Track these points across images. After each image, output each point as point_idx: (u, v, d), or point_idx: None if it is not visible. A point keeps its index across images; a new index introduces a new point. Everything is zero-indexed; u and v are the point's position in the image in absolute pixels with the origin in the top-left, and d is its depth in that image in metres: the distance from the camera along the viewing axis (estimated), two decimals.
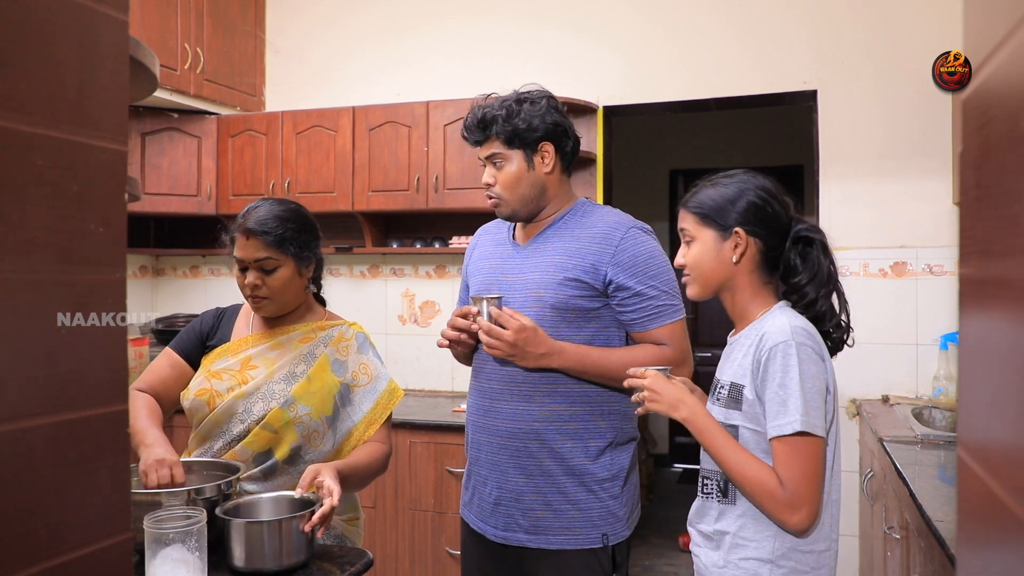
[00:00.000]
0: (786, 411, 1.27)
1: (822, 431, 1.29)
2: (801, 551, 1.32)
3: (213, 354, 1.78)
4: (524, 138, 1.72)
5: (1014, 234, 0.42)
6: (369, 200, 3.40)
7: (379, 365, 1.83)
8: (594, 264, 1.69)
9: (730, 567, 1.35)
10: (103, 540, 0.59)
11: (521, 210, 1.77)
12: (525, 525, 1.70)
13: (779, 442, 1.28)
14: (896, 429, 2.47)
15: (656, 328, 1.69)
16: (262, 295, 1.72)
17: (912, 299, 3.01)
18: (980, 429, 0.49)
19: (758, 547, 1.33)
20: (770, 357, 1.30)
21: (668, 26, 3.31)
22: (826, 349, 1.37)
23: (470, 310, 1.71)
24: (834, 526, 1.37)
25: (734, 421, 1.36)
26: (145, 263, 4.07)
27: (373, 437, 1.78)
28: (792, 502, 1.27)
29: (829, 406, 1.32)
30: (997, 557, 0.46)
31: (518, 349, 1.64)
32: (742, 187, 1.40)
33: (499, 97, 1.78)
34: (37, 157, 0.54)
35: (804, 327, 1.33)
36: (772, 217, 1.39)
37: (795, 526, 1.29)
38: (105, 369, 0.60)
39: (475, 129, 1.76)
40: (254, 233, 1.69)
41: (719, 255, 1.40)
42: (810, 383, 1.28)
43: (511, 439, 1.71)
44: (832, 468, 1.35)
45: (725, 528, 1.37)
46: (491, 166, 1.76)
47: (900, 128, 3.02)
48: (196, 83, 3.50)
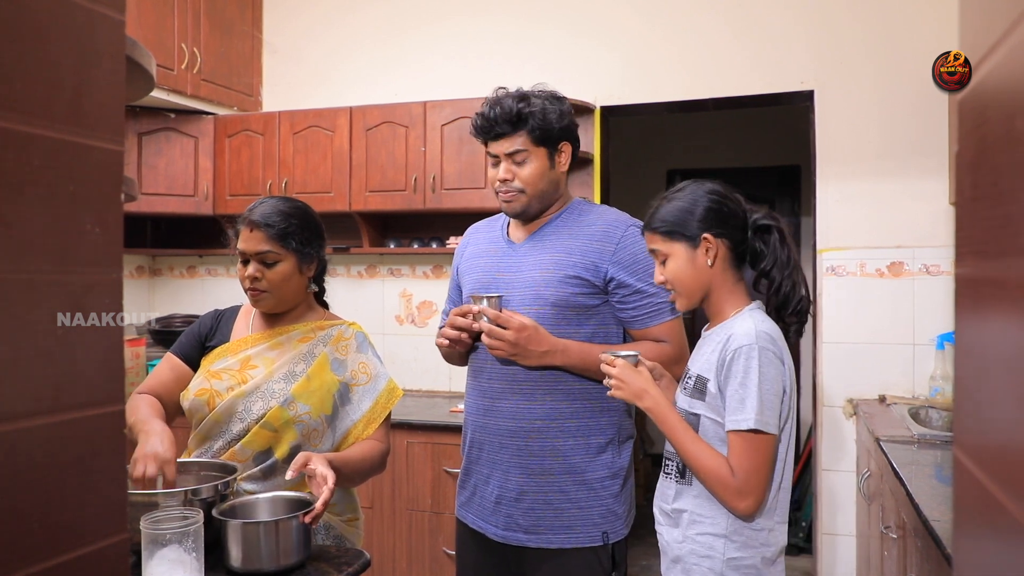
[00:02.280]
0: (743, 408, 1.38)
1: (775, 429, 1.40)
2: (752, 528, 1.44)
3: (212, 354, 1.79)
4: (552, 136, 1.73)
5: (1009, 234, 0.42)
6: (366, 200, 3.40)
7: (378, 364, 1.84)
8: (595, 262, 1.70)
9: (688, 542, 1.46)
10: (100, 541, 0.59)
11: (536, 207, 1.77)
12: (525, 525, 1.70)
13: (735, 435, 1.40)
14: (893, 429, 2.47)
15: (655, 325, 1.72)
16: (261, 288, 1.72)
17: (909, 299, 3.02)
18: (976, 429, 0.49)
19: (713, 523, 1.44)
20: (734, 357, 1.41)
21: (666, 26, 3.31)
22: (787, 352, 1.46)
23: (470, 308, 1.71)
24: (782, 509, 1.48)
25: (697, 410, 1.47)
26: (142, 263, 4.07)
27: (371, 436, 1.78)
28: (741, 490, 1.39)
29: (785, 406, 1.43)
30: (993, 556, 0.46)
31: (520, 348, 1.64)
32: (694, 196, 1.49)
33: (517, 92, 1.76)
34: (33, 157, 0.54)
35: (768, 332, 1.43)
36: (730, 215, 1.49)
37: (742, 511, 1.41)
38: (102, 370, 0.59)
39: (503, 123, 1.71)
40: (257, 226, 1.71)
41: (695, 264, 1.48)
42: (768, 385, 1.39)
43: (513, 438, 1.71)
44: (784, 460, 1.46)
45: (683, 507, 1.48)
46: (508, 161, 1.73)
47: (897, 128, 3.02)
48: (193, 83, 3.49)
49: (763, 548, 1.43)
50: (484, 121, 1.74)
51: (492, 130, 1.73)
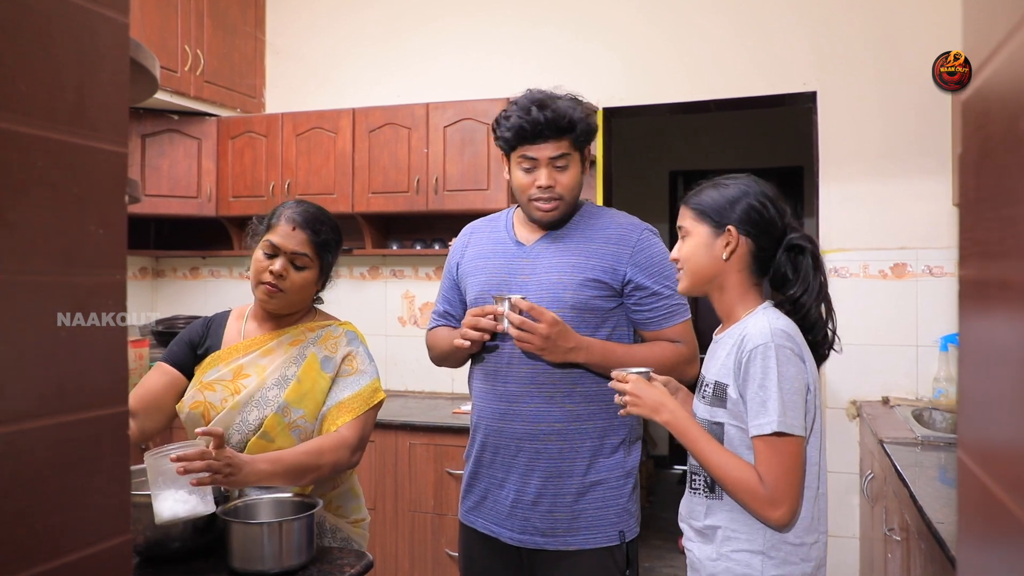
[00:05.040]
0: (765, 411, 1.32)
1: (800, 430, 1.33)
2: (791, 543, 1.36)
3: (204, 363, 1.75)
4: (589, 142, 1.74)
5: (1014, 236, 0.42)
6: (369, 202, 3.40)
7: (368, 363, 1.78)
8: (613, 265, 1.71)
9: (723, 559, 1.39)
10: (103, 542, 0.59)
11: (570, 213, 1.77)
12: (542, 528, 1.70)
13: (759, 441, 1.33)
14: (896, 431, 2.46)
15: (670, 327, 1.74)
16: (282, 287, 1.69)
17: (912, 300, 3.01)
18: (980, 431, 0.49)
19: (749, 539, 1.37)
20: (750, 359, 1.35)
21: (669, 28, 3.31)
22: (807, 348, 1.40)
23: (495, 310, 1.68)
24: (822, 519, 1.41)
25: (719, 419, 1.40)
26: (145, 265, 4.07)
27: (342, 429, 1.67)
28: (772, 499, 1.32)
29: (810, 405, 1.37)
30: (998, 559, 0.46)
31: (550, 343, 1.63)
32: (744, 190, 1.44)
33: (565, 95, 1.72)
34: (37, 159, 0.54)
35: (784, 329, 1.37)
36: (767, 221, 1.43)
37: (776, 521, 1.34)
38: (105, 371, 0.60)
39: (553, 127, 1.66)
40: (303, 227, 1.70)
41: (710, 251, 1.44)
42: (788, 384, 1.32)
43: (532, 441, 1.71)
44: (819, 464, 1.40)
45: (716, 523, 1.41)
46: (551, 167, 1.70)
47: (900, 129, 3.02)
48: (196, 85, 3.50)
49: (804, 564, 1.36)
50: (529, 124, 1.66)
51: (540, 134, 1.66)
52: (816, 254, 1.45)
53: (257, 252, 1.72)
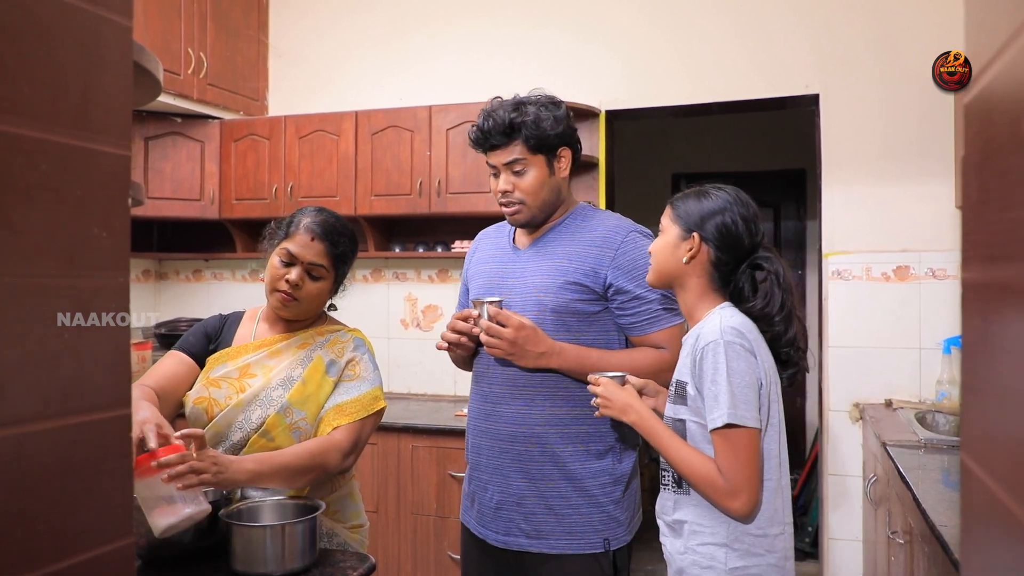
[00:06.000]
0: (717, 405, 1.38)
1: (753, 422, 1.38)
2: (752, 534, 1.41)
3: (212, 359, 1.76)
4: (549, 144, 1.72)
5: (1016, 239, 0.42)
6: (372, 204, 3.41)
7: (371, 370, 1.78)
8: (594, 267, 1.70)
9: (690, 552, 1.45)
10: (105, 545, 0.59)
11: (539, 216, 1.77)
12: (526, 529, 1.70)
13: (715, 434, 1.40)
14: (899, 433, 2.46)
15: (655, 332, 1.70)
16: (297, 296, 1.69)
17: (915, 303, 3.01)
18: (984, 433, 0.49)
19: (713, 532, 1.43)
20: (703, 356, 1.42)
21: (670, 30, 3.32)
22: (763, 345, 1.45)
23: (471, 313, 1.71)
24: (786, 510, 1.45)
25: (681, 415, 1.47)
26: (148, 267, 4.08)
27: (336, 432, 1.66)
28: (731, 489, 1.38)
29: (763, 399, 1.42)
30: (1001, 561, 0.46)
31: (517, 347, 1.64)
32: (721, 205, 1.50)
33: (512, 100, 1.75)
34: (41, 162, 0.54)
35: (735, 326, 1.42)
36: (734, 237, 1.49)
37: (736, 512, 1.39)
38: (108, 374, 0.60)
39: (497, 134, 1.70)
40: (322, 238, 1.70)
41: (675, 252, 1.52)
42: (739, 378, 1.38)
43: (512, 443, 1.71)
44: (778, 456, 1.44)
45: (683, 517, 1.47)
46: (508, 172, 1.72)
47: (902, 131, 3.02)
48: (199, 87, 3.50)
49: (768, 555, 1.41)
50: (479, 133, 1.73)
51: (487, 141, 1.72)
52: (779, 275, 1.49)
53: (273, 258, 1.72)
